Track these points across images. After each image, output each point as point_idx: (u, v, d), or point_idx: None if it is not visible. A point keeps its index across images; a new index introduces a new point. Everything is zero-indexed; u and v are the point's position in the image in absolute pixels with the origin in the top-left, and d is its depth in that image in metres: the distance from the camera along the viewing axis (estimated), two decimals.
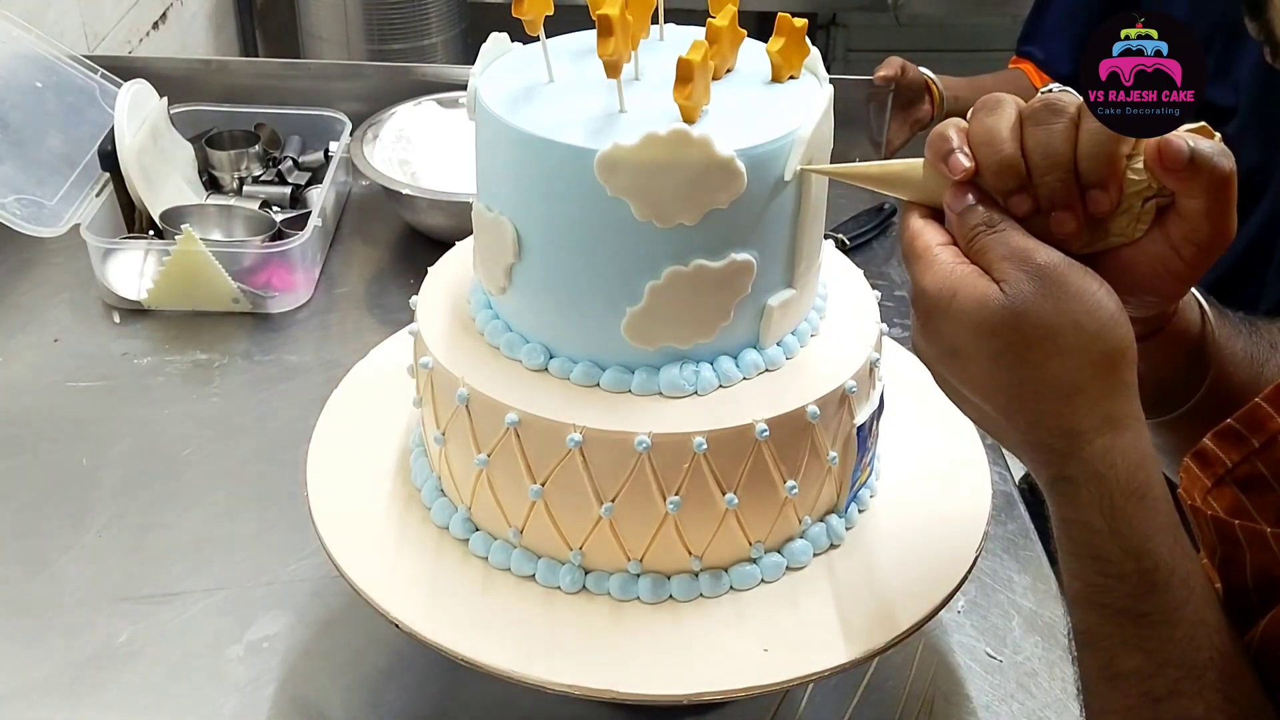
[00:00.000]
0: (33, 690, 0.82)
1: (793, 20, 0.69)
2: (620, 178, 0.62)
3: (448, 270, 0.80)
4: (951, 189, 0.59)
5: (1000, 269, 0.56)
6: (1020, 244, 0.57)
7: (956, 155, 0.58)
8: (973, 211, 0.58)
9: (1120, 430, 0.56)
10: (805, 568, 0.73)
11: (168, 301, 1.19)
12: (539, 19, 0.69)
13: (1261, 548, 0.59)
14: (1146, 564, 0.55)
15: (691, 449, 0.66)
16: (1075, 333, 0.55)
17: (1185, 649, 0.55)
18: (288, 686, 0.82)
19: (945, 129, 0.59)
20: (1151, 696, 0.55)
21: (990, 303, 0.56)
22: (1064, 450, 0.57)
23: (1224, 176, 0.55)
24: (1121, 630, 0.56)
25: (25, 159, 1.25)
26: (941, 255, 0.58)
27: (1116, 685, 0.56)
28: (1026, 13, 1.63)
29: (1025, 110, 0.58)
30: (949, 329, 0.57)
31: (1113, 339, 0.56)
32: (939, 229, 0.60)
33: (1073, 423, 0.56)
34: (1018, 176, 0.57)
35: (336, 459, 0.80)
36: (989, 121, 0.58)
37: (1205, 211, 0.56)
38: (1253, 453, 0.62)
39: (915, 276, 0.59)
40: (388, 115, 1.40)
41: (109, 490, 0.98)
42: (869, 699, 0.82)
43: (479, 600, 0.71)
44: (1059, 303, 0.55)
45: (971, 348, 0.57)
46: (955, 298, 0.57)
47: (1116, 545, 0.55)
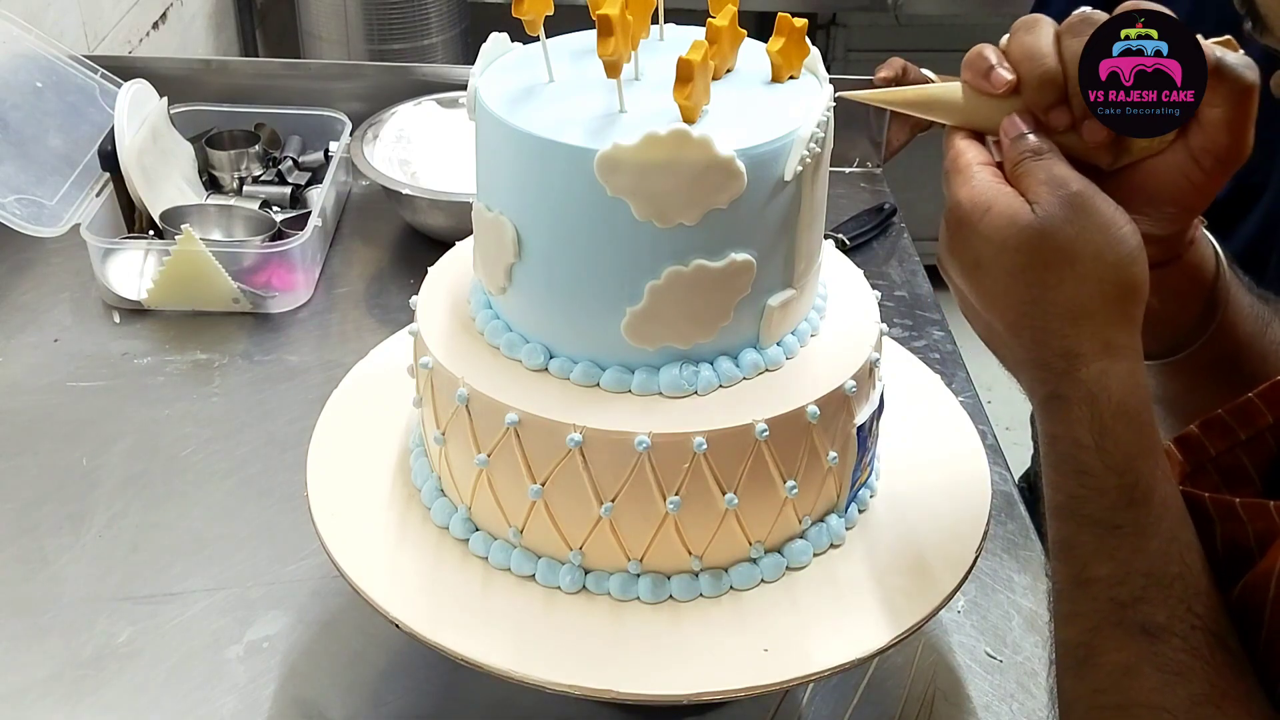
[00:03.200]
0: (33, 690, 0.82)
1: (793, 20, 0.69)
2: (620, 178, 0.62)
3: (448, 270, 0.80)
4: (1012, 116, 0.61)
5: (1036, 191, 0.59)
6: (1060, 172, 0.59)
7: (998, 70, 0.61)
8: (1025, 139, 0.61)
9: (1118, 358, 0.58)
10: (805, 568, 0.73)
11: (168, 301, 1.19)
12: (539, 19, 0.69)
13: (1231, 518, 0.60)
14: (1128, 479, 0.57)
15: (691, 449, 0.66)
16: (1094, 260, 0.58)
17: (1155, 560, 0.56)
18: (288, 686, 0.82)
19: (981, 49, 0.62)
20: (1118, 601, 0.57)
21: (1019, 219, 0.58)
22: (1061, 369, 0.59)
23: (1247, 86, 0.58)
24: (1096, 539, 0.58)
25: (25, 159, 1.25)
26: (981, 173, 0.61)
27: (1086, 589, 0.58)
28: (1026, 13, 1.63)
29: (1063, 26, 0.60)
30: (976, 241, 0.60)
31: (1128, 273, 0.58)
32: (981, 149, 0.63)
33: (1074, 344, 0.58)
34: (1058, 90, 0.60)
35: (336, 459, 0.80)
36: (1028, 39, 0.61)
37: (1226, 121, 0.58)
38: (1238, 444, 0.64)
39: (953, 189, 0.62)
40: (388, 115, 1.40)
41: (109, 490, 0.98)
42: (869, 699, 0.82)
43: (479, 600, 0.71)
44: (1084, 230, 0.58)
45: (994, 261, 0.59)
46: (989, 212, 0.59)
47: (1101, 461, 0.57)
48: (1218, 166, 0.59)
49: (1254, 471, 0.64)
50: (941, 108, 0.64)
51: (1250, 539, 0.59)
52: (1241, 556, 0.60)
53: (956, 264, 0.62)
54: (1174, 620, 0.55)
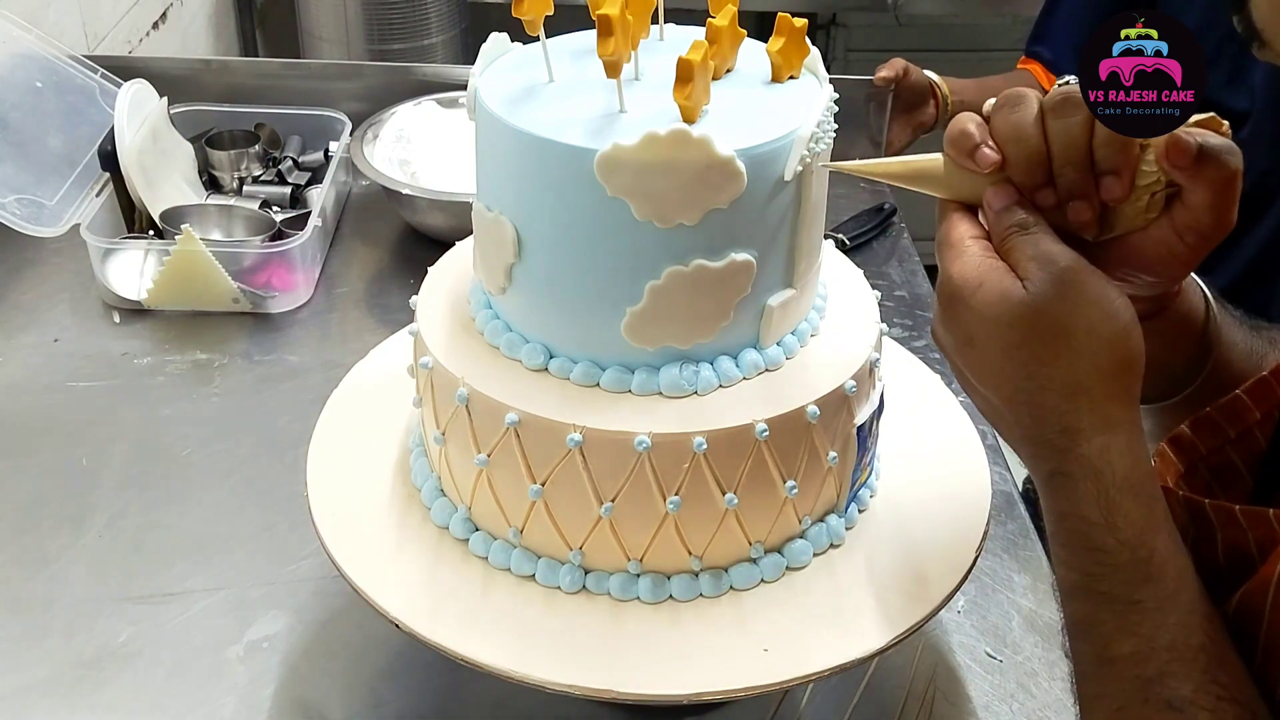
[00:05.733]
0: (33, 690, 0.82)
1: (793, 20, 0.69)
2: (620, 178, 0.62)
3: (448, 270, 0.80)
4: (994, 188, 0.61)
5: (1026, 268, 0.58)
6: (1048, 248, 0.59)
7: (983, 150, 0.60)
8: (1011, 212, 0.60)
9: (1118, 432, 0.58)
10: (805, 568, 0.73)
11: (168, 301, 1.19)
12: (539, 19, 0.69)
13: (1232, 524, 0.60)
14: (1141, 554, 0.56)
15: (691, 449, 0.66)
16: (1088, 336, 0.57)
17: (1177, 633, 0.56)
18: (288, 686, 0.82)
19: (965, 124, 0.61)
20: (1143, 679, 0.56)
21: (1011, 297, 0.58)
22: (1062, 446, 0.58)
23: (1230, 173, 0.57)
24: (1117, 617, 0.57)
25: (25, 159, 1.25)
26: (972, 247, 0.61)
27: (1111, 668, 0.57)
28: (1026, 13, 1.63)
29: (1045, 104, 0.60)
30: (969, 318, 0.60)
31: (1123, 348, 0.58)
32: (974, 223, 0.62)
33: (1073, 420, 0.58)
34: (1044, 171, 0.60)
35: (336, 459, 0.80)
36: (1014, 117, 0.60)
37: (1209, 204, 0.58)
38: (1227, 442, 0.65)
39: (945, 264, 0.61)
40: (388, 115, 1.40)
41: (109, 490, 0.98)
42: (869, 699, 0.82)
43: (479, 600, 0.71)
44: (1076, 306, 0.57)
45: (987, 338, 0.59)
46: (980, 289, 0.59)
47: (1113, 537, 0.57)
48: (1200, 242, 0.59)
49: (1244, 469, 0.65)
50: (926, 180, 0.64)
51: (1251, 545, 0.59)
52: (1243, 563, 0.59)
53: (951, 339, 0.62)
54: (1200, 694, 0.54)
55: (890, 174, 0.65)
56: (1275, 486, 0.65)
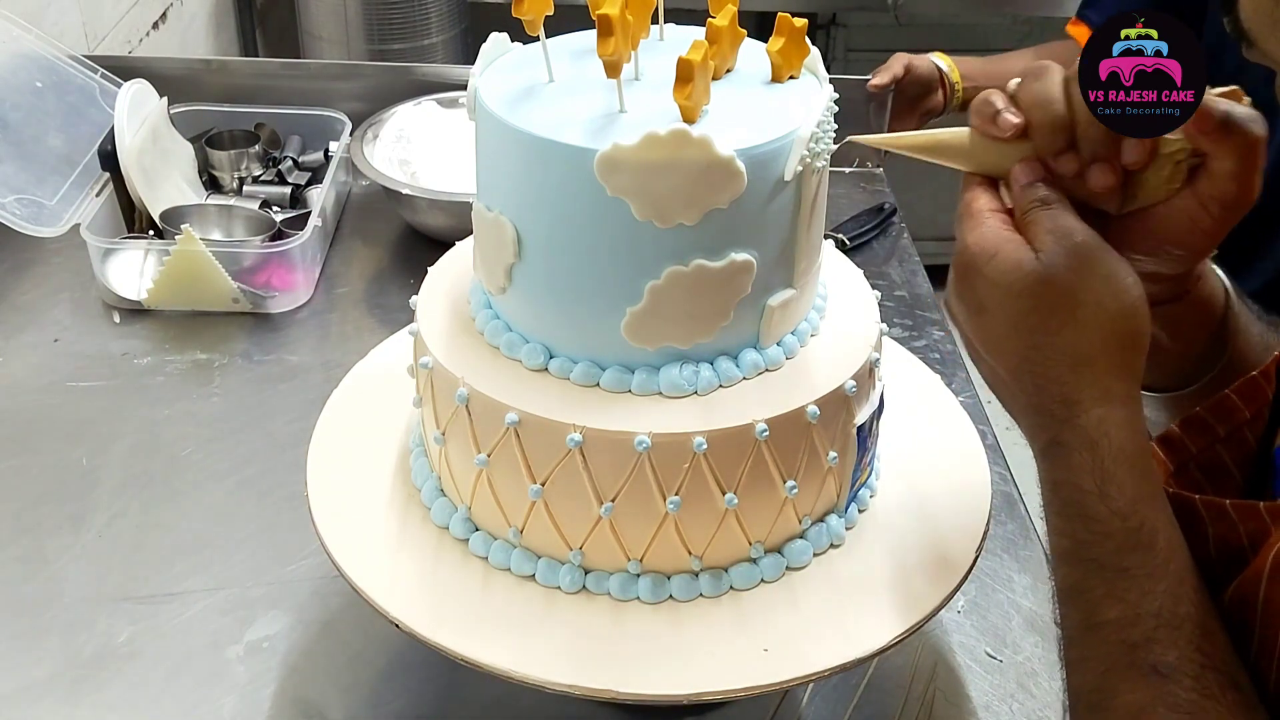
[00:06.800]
0: (33, 690, 0.82)
1: (793, 20, 0.69)
2: (620, 178, 0.62)
3: (448, 270, 0.80)
4: (1022, 164, 0.62)
5: (1041, 240, 0.60)
6: (1067, 222, 0.60)
7: (1004, 114, 0.62)
8: (1035, 187, 0.61)
9: (1117, 405, 0.59)
10: (805, 568, 0.73)
11: (168, 301, 1.19)
12: (539, 19, 0.69)
13: (1223, 519, 0.61)
14: (1132, 523, 0.57)
15: (691, 449, 0.66)
16: (1096, 309, 0.59)
17: (1164, 601, 0.56)
18: (288, 686, 0.82)
19: (988, 95, 0.63)
20: (1129, 643, 0.57)
21: (1023, 266, 0.59)
22: (1062, 416, 0.59)
23: (1254, 140, 0.58)
24: (1105, 583, 0.58)
25: (25, 159, 1.25)
26: (991, 220, 0.62)
27: (1097, 633, 0.58)
28: (1026, 13, 1.62)
29: (1069, 72, 0.61)
30: (981, 286, 0.61)
31: (1130, 324, 0.59)
32: (995, 196, 0.64)
33: (1074, 391, 0.59)
34: (1067, 135, 0.61)
35: (336, 459, 0.80)
36: (1037, 86, 0.61)
37: (1233, 173, 0.59)
38: (1217, 441, 0.66)
39: (962, 234, 0.63)
40: (388, 115, 1.40)
41: (109, 490, 0.99)
42: (869, 699, 0.82)
43: (479, 600, 0.71)
44: (1086, 279, 0.59)
45: (997, 307, 0.60)
46: (994, 258, 0.60)
47: (1105, 506, 0.58)
48: (1225, 213, 0.60)
49: (1234, 468, 0.65)
50: (950, 152, 0.65)
51: (1243, 539, 0.60)
52: (1234, 558, 0.60)
53: (962, 308, 0.63)
54: (1185, 661, 0.55)
55: (915, 146, 0.66)
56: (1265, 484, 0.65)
